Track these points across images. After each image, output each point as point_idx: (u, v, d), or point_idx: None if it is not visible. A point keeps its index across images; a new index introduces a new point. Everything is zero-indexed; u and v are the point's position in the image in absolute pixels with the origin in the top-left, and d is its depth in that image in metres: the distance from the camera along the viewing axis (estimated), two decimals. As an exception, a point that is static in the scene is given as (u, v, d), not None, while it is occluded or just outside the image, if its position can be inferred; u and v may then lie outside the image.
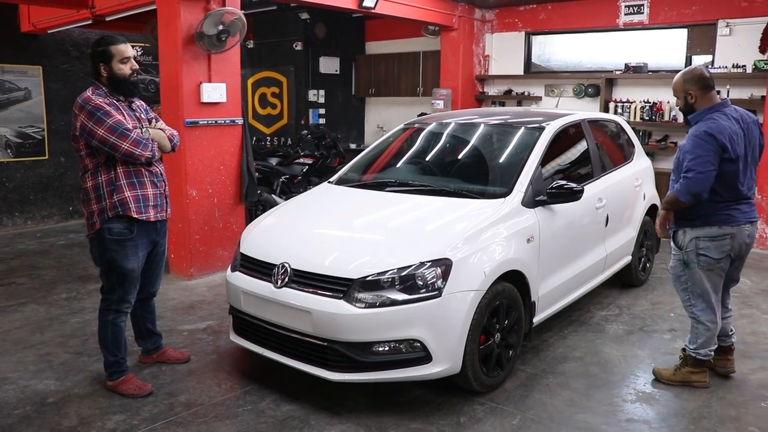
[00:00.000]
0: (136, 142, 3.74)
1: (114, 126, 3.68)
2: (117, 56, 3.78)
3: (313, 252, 3.91)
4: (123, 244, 3.87)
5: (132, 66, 3.85)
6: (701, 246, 3.91)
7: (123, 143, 3.69)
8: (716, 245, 3.90)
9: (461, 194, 4.37)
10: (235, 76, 6.52)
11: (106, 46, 3.79)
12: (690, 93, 3.91)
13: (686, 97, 3.94)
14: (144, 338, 4.44)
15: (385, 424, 3.64)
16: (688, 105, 3.95)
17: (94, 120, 3.67)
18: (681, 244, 3.99)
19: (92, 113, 3.68)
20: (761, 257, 7.57)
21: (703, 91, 3.89)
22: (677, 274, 4.10)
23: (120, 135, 3.69)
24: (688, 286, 4.05)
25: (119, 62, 3.78)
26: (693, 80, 3.91)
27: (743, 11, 7.95)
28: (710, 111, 3.87)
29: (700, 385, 4.12)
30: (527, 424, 3.66)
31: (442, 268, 3.62)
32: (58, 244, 8.06)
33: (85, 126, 3.70)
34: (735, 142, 3.79)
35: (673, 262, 4.12)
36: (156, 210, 3.98)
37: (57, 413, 3.77)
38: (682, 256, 4.01)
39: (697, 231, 3.90)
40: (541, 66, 9.98)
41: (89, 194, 3.85)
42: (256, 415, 3.75)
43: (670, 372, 4.20)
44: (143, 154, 3.79)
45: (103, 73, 3.80)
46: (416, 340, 3.57)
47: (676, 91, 4.00)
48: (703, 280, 3.98)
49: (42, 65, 8.92)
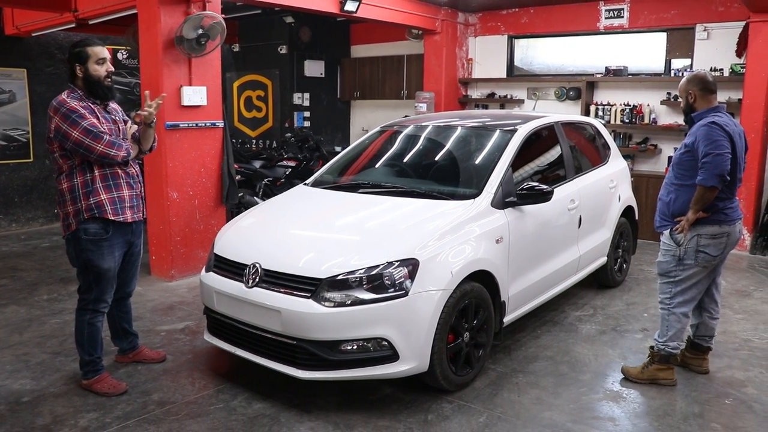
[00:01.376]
0: (110, 143, 3.80)
1: (88, 128, 3.74)
2: (93, 57, 3.85)
3: (284, 252, 3.97)
4: (99, 244, 3.92)
5: (108, 68, 3.91)
6: (702, 243, 4.00)
7: (97, 145, 3.75)
8: (715, 243, 4.02)
9: (433, 196, 4.44)
10: (216, 80, 6.58)
11: (83, 47, 3.86)
12: (690, 92, 4.07)
13: (687, 97, 4.10)
14: (120, 338, 4.49)
15: (353, 421, 3.70)
16: (688, 104, 4.12)
17: (68, 122, 3.73)
18: (679, 240, 4.04)
19: (67, 115, 3.74)
20: (738, 258, 7.66)
21: (702, 93, 4.05)
22: (667, 270, 4.15)
23: (94, 137, 3.74)
24: (674, 282, 4.12)
25: (95, 63, 3.85)
26: (695, 81, 4.07)
27: (720, 16, 8.06)
28: (713, 110, 4.01)
29: (667, 382, 4.19)
30: (494, 422, 3.72)
31: (409, 268, 3.69)
32: (41, 246, 8.09)
33: (60, 128, 3.75)
34: (735, 140, 3.93)
35: (665, 257, 4.15)
36: (132, 211, 4.04)
37: (31, 412, 3.82)
38: (677, 252, 4.06)
39: (699, 229, 3.99)
40: (523, 69, 10.07)
41: (65, 196, 3.91)
42: (227, 413, 3.80)
43: (638, 370, 4.27)
44: (118, 154, 3.85)
45: (79, 73, 3.85)
46: (383, 338, 3.63)
47: (681, 91, 4.17)
48: (694, 276, 4.08)
49: (26, 68, 8.94)
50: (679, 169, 4.07)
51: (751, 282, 6.67)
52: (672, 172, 4.15)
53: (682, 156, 4.06)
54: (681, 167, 4.06)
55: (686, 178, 4.01)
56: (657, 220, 4.25)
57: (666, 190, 4.19)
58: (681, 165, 4.06)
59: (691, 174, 3.96)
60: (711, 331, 4.39)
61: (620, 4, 8.74)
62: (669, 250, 4.12)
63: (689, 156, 4.00)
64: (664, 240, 4.16)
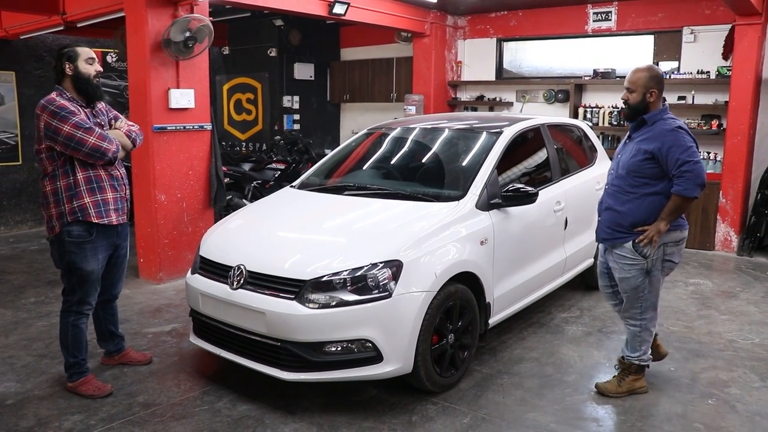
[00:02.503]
0: (102, 136, 3.82)
1: (79, 123, 3.75)
2: (83, 56, 3.90)
3: (268, 254, 3.98)
4: (82, 247, 3.92)
5: (96, 68, 3.94)
6: (668, 252, 3.86)
7: (89, 137, 3.76)
8: (678, 249, 3.92)
9: (418, 198, 4.45)
10: (204, 82, 6.58)
11: (72, 47, 3.92)
12: (652, 91, 3.80)
13: (646, 94, 3.80)
14: (106, 340, 4.48)
15: (337, 423, 3.71)
16: (645, 102, 3.82)
17: (58, 118, 3.72)
18: (647, 253, 3.81)
19: (56, 112, 3.73)
20: (725, 259, 7.72)
21: (660, 93, 3.86)
22: (636, 286, 3.90)
23: (86, 131, 3.76)
24: (644, 296, 3.93)
25: (85, 62, 3.89)
26: (656, 79, 3.83)
27: (707, 19, 8.13)
28: (665, 112, 3.85)
29: (642, 390, 4.11)
30: (477, 423, 3.74)
31: (392, 269, 3.70)
32: (30, 249, 8.07)
33: (50, 125, 3.73)
34: None
35: (630, 273, 3.88)
36: (117, 213, 4.05)
37: (15, 414, 3.81)
38: (645, 266, 3.84)
39: (664, 237, 3.80)
40: (512, 72, 10.11)
41: (48, 198, 3.91)
42: (212, 415, 3.80)
43: (614, 384, 4.10)
44: (109, 148, 3.84)
45: (69, 71, 3.87)
46: (367, 340, 3.64)
47: (637, 85, 3.81)
48: (658, 286, 3.97)
49: (15, 71, 8.92)
50: (637, 176, 3.80)
51: (738, 283, 6.71)
52: (624, 180, 3.85)
53: (642, 163, 3.77)
54: (639, 175, 3.79)
55: (646, 186, 3.78)
56: (606, 231, 3.96)
57: (618, 199, 3.88)
58: (639, 173, 3.78)
59: (653, 183, 3.76)
60: None
61: (608, 7, 8.80)
62: (635, 264, 3.85)
63: (652, 164, 3.74)
64: (625, 254, 3.87)
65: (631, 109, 3.90)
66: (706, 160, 8.10)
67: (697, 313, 5.73)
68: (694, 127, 8.14)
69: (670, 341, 5.04)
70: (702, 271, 7.21)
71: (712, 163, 8.10)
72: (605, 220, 3.98)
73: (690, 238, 7.95)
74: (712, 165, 8.09)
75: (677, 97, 8.32)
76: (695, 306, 5.95)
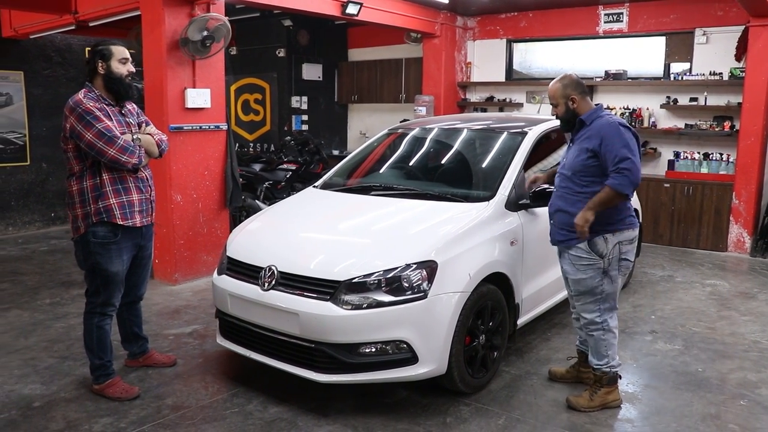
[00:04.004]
0: (123, 149, 3.74)
1: (102, 131, 3.69)
2: (117, 55, 3.83)
3: (299, 255, 3.94)
4: (107, 248, 3.88)
5: (129, 68, 3.88)
6: (624, 250, 3.79)
7: (109, 149, 3.70)
8: (632, 247, 3.85)
9: (445, 198, 4.43)
10: (220, 82, 6.54)
11: (107, 45, 3.85)
12: (573, 98, 3.81)
13: (568, 103, 3.83)
14: (130, 342, 4.44)
15: (372, 424, 3.67)
16: (570, 110, 3.84)
17: (83, 123, 3.68)
18: (603, 251, 3.75)
19: (82, 117, 3.69)
20: (739, 261, 7.71)
21: (582, 95, 3.83)
22: (592, 287, 3.81)
23: (107, 141, 3.69)
24: (601, 297, 3.83)
25: (118, 61, 3.82)
26: (573, 85, 3.83)
27: (719, 20, 8.12)
28: (601, 110, 3.82)
29: (615, 404, 3.94)
30: (512, 424, 3.71)
31: (427, 270, 3.67)
32: (40, 250, 8.00)
33: (75, 129, 3.71)
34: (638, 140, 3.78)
35: (586, 273, 3.80)
36: (142, 215, 3.99)
37: (43, 417, 3.76)
38: (602, 265, 3.77)
39: (618, 236, 3.76)
40: (522, 73, 10.10)
41: (74, 198, 3.86)
42: (243, 417, 3.76)
43: (586, 399, 3.92)
44: (129, 161, 3.79)
45: (101, 70, 3.81)
46: (402, 341, 3.61)
47: (556, 97, 3.86)
48: (616, 286, 3.86)
49: (23, 71, 8.85)
50: (584, 176, 3.75)
51: (755, 284, 6.70)
52: (571, 181, 3.81)
53: (587, 162, 3.72)
54: (586, 174, 3.75)
55: (593, 184, 3.71)
56: (560, 234, 3.89)
57: (568, 200, 3.83)
58: (586, 171, 3.74)
59: (599, 180, 3.69)
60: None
61: (619, 9, 8.79)
62: (591, 264, 3.78)
63: (595, 161, 3.70)
64: (581, 254, 3.79)
65: (563, 120, 3.94)
66: (719, 161, 8.10)
67: (718, 314, 5.72)
68: (705, 129, 8.15)
69: (694, 341, 5.04)
70: (717, 272, 7.20)
71: (724, 164, 8.09)
72: (558, 223, 3.90)
73: (702, 239, 8.12)
74: (724, 166, 8.08)
75: (689, 98, 8.32)
76: (715, 307, 5.94)
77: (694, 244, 8.26)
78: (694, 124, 8.32)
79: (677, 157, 8.40)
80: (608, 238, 3.75)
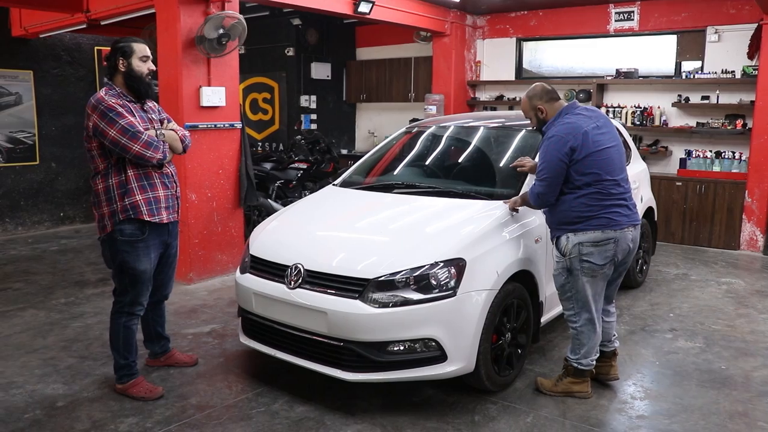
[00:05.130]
0: (147, 144, 3.72)
1: (125, 127, 3.67)
2: (138, 53, 3.80)
3: (326, 253, 3.91)
4: (134, 246, 3.85)
5: (150, 66, 3.86)
6: (584, 252, 3.76)
7: (134, 145, 3.68)
8: (599, 250, 3.76)
9: (469, 195, 4.41)
10: (234, 80, 6.52)
11: (128, 42, 3.81)
12: (539, 108, 3.89)
13: (537, 114, 3.92)
14: (152, 341, 4.41)
15: (400, 423, 3.65)
16: (541, 121, 3.93)
17: (106, 120, 3.66)
18: (564, 250, 3.82)
19: (105, 114, 3.67)
20: (752, 259, 7.70)
21: (549, 103, 3.89)
22: (561, 283, 3.91)
23: (131, 137, 3.67)
24: (572, 295, 3.89)
25: (139, 59, 3.80)
26: (537, 95, 3.90)
27: (731, 18, 8.10)
28: (558, 116, 3.84)
29: (581, 395, 3.98)
30: (541, 422, 3.69)
31: (456, 268, 3.65)
32: (50, 250, 7.98)
33: (98, 126, 3.68)
34: (592, 136, 3.74)
35: (557, 270, 3.93)
36: (168, 211, 3.98)
37: (68, 417, 3.73)
38: (565, 263, 3.84)
39: (580, 236, 3.76)
40: (532, 72, 10.07)
41: (100, 197, 3.83)
42: (270, 417, 3.74)
43: (552, 382, 4.05)
44: (154, 156, 3.77)
45: (122, 67, 3.79)
46: (431, 339, 3.58)
47: (526, 111, 3.98)
48: (585, 287, 3.83)
49: (33, 70, 8.82)
50: None
51: (770, 282, 6.69)
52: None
53: None
54: None
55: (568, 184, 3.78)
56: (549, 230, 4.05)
57: None
58: None
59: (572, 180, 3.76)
60: (609, 335, 4.15)
61: (630, 7, 8.77)
62: (558, 261, 3.91)
63: None
64: (556, 252, 3.94)
65: (539, 131, 4.04)
66: (731, 159, 8.09)
67: (736, 312, 5.71)
68: (717, 127, 8.13)
69: (715, 339, 5.02)
70: (731, 270, 7.18)
71: (736, 162, 8.08)
72: (545, 220, 4.08)
73: (715, 238, 8.09)
74: (737, 165, 8.07)
75: (701, 96, 8.31)
76: (732, 305, 5.92)
77: (706, 243, 8.24)
78: (706, 122, 8.30)
79: (689, 156, 8.39)
80: (569, 237, 3.81)
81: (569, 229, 3.81)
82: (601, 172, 3.74)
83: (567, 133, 3.73)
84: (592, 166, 3.72)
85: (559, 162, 3.71)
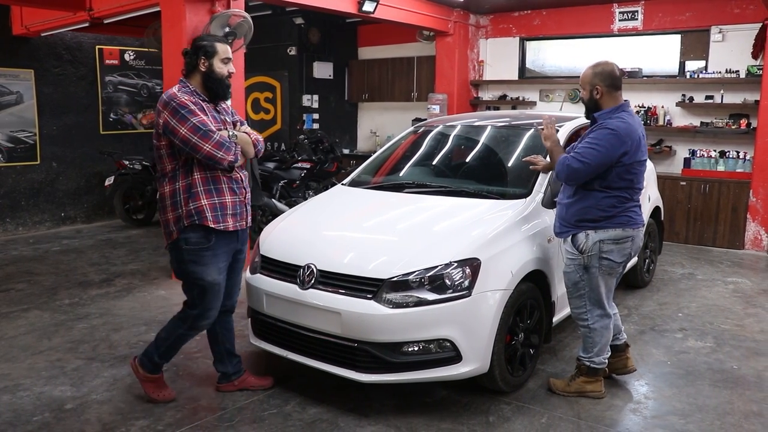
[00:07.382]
0: (219, 144, 3.49)
1: (197, 126, 3.45)
2: (221, 54, 3.63)
3: (338, 253, 3.88)
4: (201, 254, 3.63)
5: (230, 69, 3.69)
6: (605, 249, 3.74)
7: (205, 144, 3.45)
8: (619, 248, 3.76)
9: (481, 195, 4.39)
10: (240, 79, 6.50)
11: (212, 42, 3.65)
12: (597, 87, 3.75)
13: (593, 91, 3.78)
14: (224, 362, 4.07)
15: (415, 424, 3.62)
16: (593, 100, 3.80)
17: (177, 118, 3.46)
18: (582, 247, 3.77)
19: (176, 111, 3.47)
20: (756, 258, 7.69)
21: (609, 90, 3.75)
22: (575, 281, 3.87)
23: (202, 135, 3.45)
24: (585, 293, 3.86)
25: (220, 60, 3.62)
26: (602, 75, 3.75)
27: (736, 18, 8.09)
28: (616, 110, 3.74)
29: (595, 395, 3.95)
30: (556, 422, 3.67)
31: (470, 268, 3.62)
32: (52, 250, 7.92)
33: (168, 124, 3.48)
34: (642, 145, 3.75)
35: (570, 268, 3.88)
36: (235, 219, 3.72)
37: (77, 419, 3.69)
38: (582, 261, 3.79)
39: (601, 233, 3.73)
40: (535, 71, 10.05)
41: (165, 201, 3.65)
42: (283, 419, 3.70)
43: (565, 383, 4.02)
44: (225, 157, 3.52)
45: (202, 68, 3.60)
46: (446, 339, 3.56)
47: (584, 82, 3.83)
48: (600, 285, 3.82)
49: (34, 69, 8.77)
50: None
51: (776, 282, 6.68)
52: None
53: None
54: None
55: (592, 182, 3.73)
56: (558, 225, 3.95)
57: (566, 194, 3.90)
58: None
59: (596, 178, 3.71)
60: (618, 328, 4.14)
61: (634, 7, 8.76)
62: (573, 258, 3.84)
63: None
64: (568, 248, 3.87)
65: (585, 106, 3.92)
66: (735, 159, 8.08)
67: (744, 312, 5.69)
68: (722, 126, 8.12)
69: (725, 339, 5.00)
70: (737, 269, 7.17)
71: (741, 162, 8.07)
72: (557, 215, 3.97)
73: (719, 237, 8.08)
74: (741, 164, 8.06)
75: (705, 96, 8.30)
76: (740, 304, 5.90)
77: (710, 242, 8.23)
78: (710, 121, 8.29)
79: (693, 155, 8.37)
80: (589, 234, 3.76)
81: (590, 226, 3.76)
82: (634, 179, 3.75)
83: (626, 134, 3.63)
84: (630, 173, 3.72)
85: (608, 157, 3.63)
